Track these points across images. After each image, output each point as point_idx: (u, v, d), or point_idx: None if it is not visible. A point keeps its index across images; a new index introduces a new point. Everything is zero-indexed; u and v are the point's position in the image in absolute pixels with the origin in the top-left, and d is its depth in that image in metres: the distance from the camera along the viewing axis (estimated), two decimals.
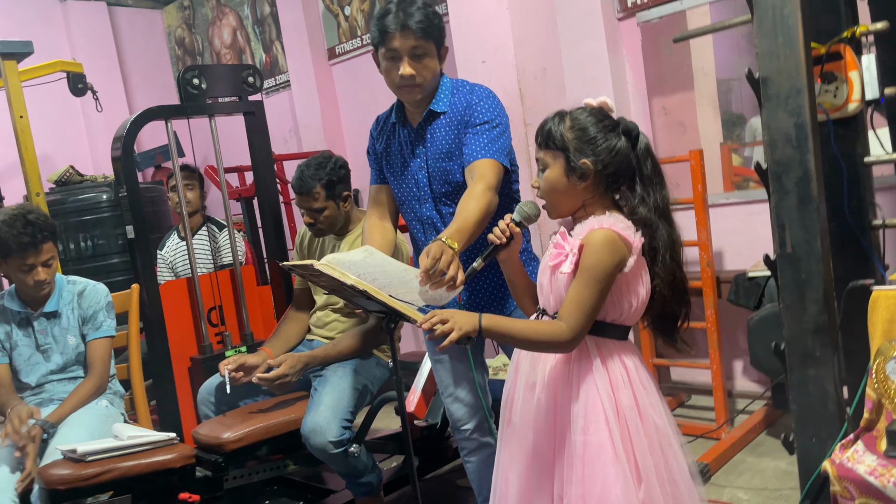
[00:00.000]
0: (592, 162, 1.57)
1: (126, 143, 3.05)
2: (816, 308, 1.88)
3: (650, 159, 1.62)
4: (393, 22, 1.96)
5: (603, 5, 3.56)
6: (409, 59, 1.98)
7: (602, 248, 1.52)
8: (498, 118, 2.04)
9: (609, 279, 1.53)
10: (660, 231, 1.60)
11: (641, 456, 1.56)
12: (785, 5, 1.83)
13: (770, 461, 2.93)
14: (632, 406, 1.57)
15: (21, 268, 2.54)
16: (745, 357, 3.54)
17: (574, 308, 1.53)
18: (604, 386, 1.57)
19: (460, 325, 1.50)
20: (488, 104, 2.05)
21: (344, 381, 2.68)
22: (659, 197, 1.61)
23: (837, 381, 1.90)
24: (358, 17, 5.00)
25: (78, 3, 6.10)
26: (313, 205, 2.74)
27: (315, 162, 2.76)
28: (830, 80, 2.04)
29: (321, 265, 1.77)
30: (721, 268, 3.53)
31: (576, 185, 1.60)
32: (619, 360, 1.61)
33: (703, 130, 3.89)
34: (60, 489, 2.23)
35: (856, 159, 2.08)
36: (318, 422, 2.51)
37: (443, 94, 2.09)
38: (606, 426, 1.55)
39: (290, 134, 5.68)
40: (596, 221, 1.57)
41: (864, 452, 1.69)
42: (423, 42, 1.97)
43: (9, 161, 3.90)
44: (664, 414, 1.62)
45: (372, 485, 2.72)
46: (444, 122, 2.08)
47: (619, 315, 1.60)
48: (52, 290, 2.69)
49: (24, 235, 2.49)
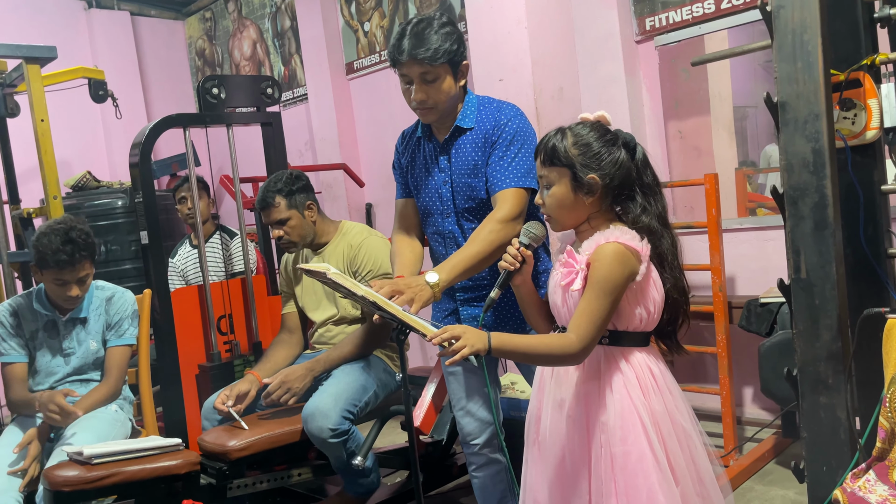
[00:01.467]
0: (600, 176, 1.60)
1: (144, 150, 3.07)
2: (830, 335, 1.87)
3: (649, 169, 1.65)
4: (401, 50, 1.97)
5: (621, 28, 3.57)
6: (420, 83, 2.00)
7: (612, 261, 1.54)
8: (525, 137, 2.05)
9: (619, 291, 1.55)
10: (664, 238, 1.63)
11: (676, 459, 1.58)
12: (805, 31, 1.83)
13: (779, 490, 2.89)
14: (664, 411, 1.59)
15: (55, 282, 2.55)
16: (755, 384, 3.51)
17: (584, 320, 1.55)
18: (637, 394, 1.59)
19: (471, 343, 1.51)
20: (517, 124, 2.06)
21: (350, 375, 2.68)
22: (659, 205, 1.64)
23: (850, 410, 1.88)
24: (377, 34, 5.04)
25: (102, 11, 6.19)
26: (277, 216, 2.81)
27: (272, 178, 2.87)
28: (849, 107, 2.03)
29: (334, 274, 1.78)
30: (733, 293, 3.51)
31: (583, 201, 1.62)
32: (646, 367, 1.62)
33: (719, 155, 3.89)
34: (65, 491, 2.23)
35: (873, 187, 2.07)
36: (318, 406, 2.51)
37: (468, 111, 2.10)
38: (645, 434, 1.56)
39: (306, 147, 5.72)
40: (602, 237, 1.58)
41: (876, 482, 1.67)
42: (431, 68, 1.97)
43: (28, 164, 3.94)
44: (689, 417, 1.64)
45: (373, 484, 2.72)
46: (469, 138, 2.09)
47: (640, 322, 1.62)
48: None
49: (62, 253, 2.47)
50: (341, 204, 5.28)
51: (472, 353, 1.51)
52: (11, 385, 2.63)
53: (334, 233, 2.93)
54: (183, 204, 3.91)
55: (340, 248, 2.87)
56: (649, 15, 3.63)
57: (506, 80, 3.47)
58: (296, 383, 2.66)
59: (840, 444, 1.88)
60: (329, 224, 2.94)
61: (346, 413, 2.56)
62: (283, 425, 2.63)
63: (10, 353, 2.62)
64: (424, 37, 1.96)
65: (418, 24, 1.99)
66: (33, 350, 2.66)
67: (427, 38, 1.96)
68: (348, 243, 2.85)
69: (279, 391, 2.64)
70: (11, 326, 2.63)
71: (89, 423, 2.56)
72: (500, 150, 2.03)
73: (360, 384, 2.68)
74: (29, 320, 2.66)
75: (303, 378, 2.67)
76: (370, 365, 2.79)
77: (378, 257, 2.80)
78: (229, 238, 3.94)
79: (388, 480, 3.32)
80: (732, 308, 3.23)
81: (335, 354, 2.75)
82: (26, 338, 2.65)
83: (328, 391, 2.59)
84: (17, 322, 2.64)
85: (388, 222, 5.12)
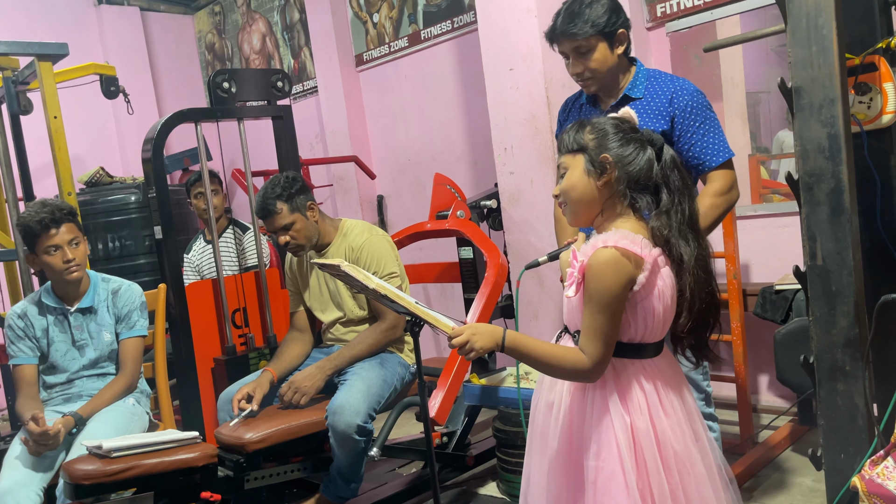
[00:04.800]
0: (613, 156, 1.56)
1: (156, 145, 3.09)
2: (847, 321, 1.85)
3: (677, 171, 1.60)
4: (556, 28, 2.11)
5: (632, 14, 3.54)
6: (576, 57, 2.12)
7: (605, 270, 1.48)
8: (710, 105, 2.15)
9: (618, 301, 1.50)
10: (682, 244, 1.55)
11: (657, 484, 1.52)
12: (819, 14, 1.81)
13: (796, 477, 2.88)
14: (648, 431, 1.54)
15: (48, 250, 2.58)
16: (770, 371, 3.49)
17: (590, 338, 1.51)
18: (617, 411, 1.54)
19: (481, 346, 1.54)
20: (697, 100, 2.14)
21: (372, 370, 2.69)
22: (683, 209, 1.57)
23: (867, 396, 1.86)
24: (386, 25, 5.03)
25: (112, 7, 6.21)
26: (281, 222, 2.77)
27: (268, 185, 2.81)
28: (864, 91, 2.01)
29: (347, 266, 1.79)
30: (748, 280, 3.49)
31: (595, 184, 1.57)
32: (636, 383, 1.57)
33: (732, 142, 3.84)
34: (85, 484, 2.26)
35: (889, 172, 2.05)
36: (349, 401, 2.52)
37: (638, 82, 2.18)
38: (618, 454, 1.52)
39: (317, 139, 5.72)
40: (600, 240, 1.53)
41: (895, 469, 1.65)
42: (584, 41, 2.08)
43: (42, 161, 3.96)
44: (687, 440, 1.58)
45: (353, 493, 2.72)
46: (638, 106, 2.15)
47: (635, 334, 1.56)
48: (88, 285, 2.73)
49: (42, 213, 2.57)
50: (353, 196, 5.28)
51: (482, 355, 1.55)
52: (21, 387, 2.65)
53: (335, 233, 2.91)
54: (199, 199, 3.92)
55: (342, 250, 2.85)
56: (660, 1, 3.60)
57: (516, 70, 3.46)
58: (305, 382, 2.67)
59: (858, 432, 1.87)
60: (329, 224, 2.92)
61: (372, 412, 2.57)
62: (300, 417, 2.65)
63: (19, 354, 2.66)
64: (576, 12, 2.08)
65: (576, 2, 2.10)
66: (46, 347, 2.69)
67: (578, 13, 2.07)
68: (349, 245, 2.84)
69: (290, 393, 2.67)
70: (20, 329, 2.67)
71: (108, 417, 2.59)
72: (691, 130, 2.12)
73: (383, 380, 2.70)
74: (38, 318, 2.69)
75: (312, 377, 2.68)
76: (386, 359, 2.80)
77: (381, 257, 2.79)
78: (242, 232, 3.95)
79: (404, 471, 3.34)
80: (747, 295, 3.21)
81: (347, 354, 2.75)
82: (37, 337, 2.68)
83: (356, 387, 2.60)
84: (25, 324, 2.68)
85: (400, 214, 5.14)
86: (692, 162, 2.14)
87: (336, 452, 2.61)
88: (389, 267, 2.79)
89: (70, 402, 2.68)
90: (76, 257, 2.62)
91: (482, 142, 4.41)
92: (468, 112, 4.62)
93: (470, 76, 4.50)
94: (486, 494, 3.02)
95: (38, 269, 2.76)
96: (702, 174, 2.15)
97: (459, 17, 4.56)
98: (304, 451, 2.74)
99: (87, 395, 2.68)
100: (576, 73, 2.15)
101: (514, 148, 3.54)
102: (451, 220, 3.48)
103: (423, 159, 4.95)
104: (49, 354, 2.69)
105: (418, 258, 4.45)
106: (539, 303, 3.55)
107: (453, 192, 3.63)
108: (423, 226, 3.62)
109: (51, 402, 2.69)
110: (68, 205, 2.69)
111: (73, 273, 2.62)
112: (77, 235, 2.65)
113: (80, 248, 2.66)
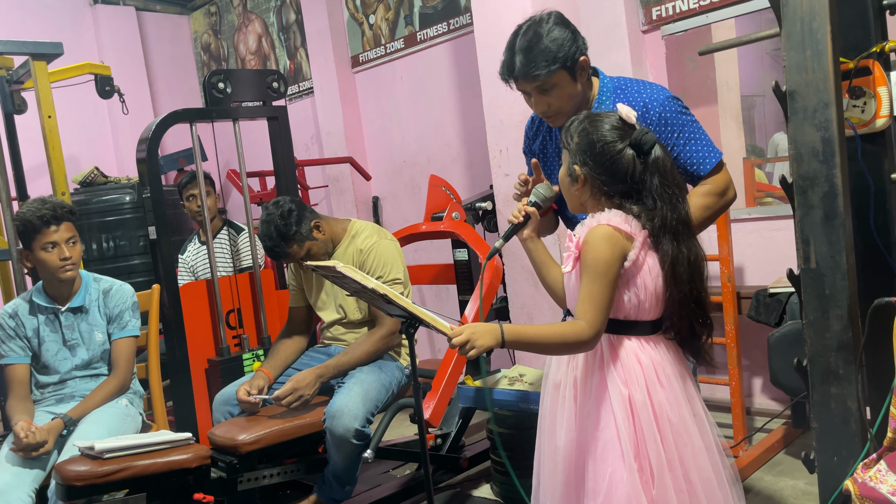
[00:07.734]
0: (584, 171, 1.64)
1: (151, 145, 3.08)
2: (840, 325, 1.85)
3: (658, 175, 1.62)
4: (511, 69, 1.91)
5: (627, 17, 3.55)
6: (539, 95, 1.93)
7: (600, 241, 1.57)
8: (685, 115, 1.98)
9: (613, 271, 1.57)
10: (665, 242, 1.61)
11: (655, 454, 1.57)
12: (814, 18, 1.81)
13: (788, 480, 2.89)
14: (645, 403, 1.59)
15: (45, 247, 2.58)
16: (764, 374, 3.50)
17: (588, 305, 1.57)
18: (615, 385, 1.60)
19: (481, 344, 1.56)
20: (671, 107, 1.97)
21: (371, 374, 2.69)
22: (665, 213, 1.61)
23: (861, 400, 1.87)
24: (382, 26, 5.03)
25: (107, 7, 6.20)
26: (299, 256, 2.79)
27: (268, 230, 2.74)
28: (858, 95, 2.01)
29: (344, 267, 1.78)
30: (742, 283, 3.50)
31: (571, 186, 1.68)
32: (634, 356, 1.62)
33: (726, 145, 3.86)
34: (77, 485, 2.25)
35: (883, 176, 2.05)
36: (347, 405, 2.52)
37: (604, 97, 2.01)
38: (614, 424, 1.58)
39: (312, 140, 5.72)
40: (594, 220, 1.62)
41: (888, 472, 1.66)
42: (545, 79, 1.88)
43: (36, 161, 3.95)
44: (684, 411, 1.62)
45: (347, 495, 2.72)
46: None
47: (630, 310, 1.62)
48: (79, 285, 2.72)
49: (43, 210, 2.57)
50: (348, 197, 5.28)
51: (483, 353, 1.57)
52: (12, 386, 2.64)
53: (343, 234, 2.90)
54: (191, 202, 3.91)
55: (350, 251, 2.85)
56: (655, 4, 3.61)
57: None
58: (306, 390, 2.66)
59: (851, 435, 1.87)
60: (338, 226, 2.91)
61: (370, 414, 2.57)
62: (294, 419, 2.64)
63: (10, 354, 2.65)
64: (533, 52, 1.88)
65: (525, 36, 1.91)
66: (37, 346, 2.68)
67: (536, 53, 1.87)
68: (357, 248, 2.83)
69: (290, 397, 2.65)
70: (11, 329, 2.66)
71: (100, 418, 2.58)
72: (671, 142, 1.96)
73: (380, 384, 2.70)
74: (29, 317, 2.68)
75: (312, 385, 2.68)
76: (384, 363, 2.80)
77: (388, 262, 2.79)
78: (237, 233, 3.94)
79: (398, 473, 3.33)
80: (741, 298, 3.22)
81: (345, 360, 2.75)
82: (28, 337, 2.67)
83: (355, 391, 2.59)
84: (16, 323, 2.67)
85: (395, 215, 5.14)
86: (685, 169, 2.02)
87: (332, 455, 2.61)
88: (394, 273, 2.79)
89: (63, 402, 2.66)
90: (72, 256, 2.62)
91: (477, 144, 4.41)
92: (464, 114, 4.62)
93: (466, 78, 4.51)
94: (480, 496, 3.02)
95: (31, 266, 2.75)
96: (696, 182, 2.03)
97: (455, 19, 4.57)
98: (298, 453, 2.73)
99: (79, 396, 2.66)
100: (540, 111, 1.98)
101: (509, 150, 3.55)
102: (446, 222, 3.48)
103: (419, 161, 4.96)
104: (40, 354, 2.68)
105: (413, 260, 4.45)
106: (533, 304, 3.55)
107: (448, 193, 3.63)
108: (418, 227, 3.62)
109: (43, 402, 2.68)
110: (68, 204, 2.70)
111: (67, 272, 2.62)
112: (75, 235, 2.66)
113: (77, 247, 2.66)
